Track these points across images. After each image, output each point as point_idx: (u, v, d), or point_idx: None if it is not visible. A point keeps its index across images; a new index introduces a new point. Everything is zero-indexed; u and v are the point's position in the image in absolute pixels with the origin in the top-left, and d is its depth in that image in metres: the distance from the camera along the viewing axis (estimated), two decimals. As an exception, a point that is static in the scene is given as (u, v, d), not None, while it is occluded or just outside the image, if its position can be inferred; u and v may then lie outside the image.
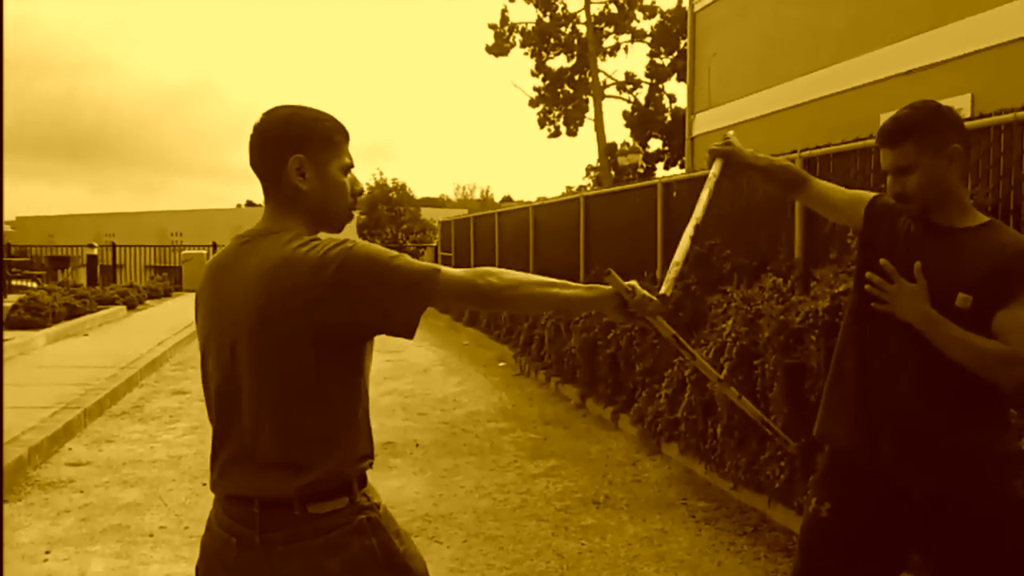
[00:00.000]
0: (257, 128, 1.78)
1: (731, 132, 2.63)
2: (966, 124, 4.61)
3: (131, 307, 16.71)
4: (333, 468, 1.68)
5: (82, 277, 21.20)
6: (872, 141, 2.24)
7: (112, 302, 15.89)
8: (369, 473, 1.80)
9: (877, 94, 8.87)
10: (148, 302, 18.25)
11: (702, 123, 13.26)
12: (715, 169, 2.52)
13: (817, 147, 5.97)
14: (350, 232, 28.86)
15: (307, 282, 1.61)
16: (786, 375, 4.44)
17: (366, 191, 30.91)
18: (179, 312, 15.57)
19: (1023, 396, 2.97)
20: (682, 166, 24.96)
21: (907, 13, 8.66)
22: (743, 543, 4.36)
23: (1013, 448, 2.10)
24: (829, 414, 2.27)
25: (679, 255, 2.24)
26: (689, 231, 2.32)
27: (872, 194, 2.32)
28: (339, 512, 1.68)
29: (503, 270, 1.74)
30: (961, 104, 7.68)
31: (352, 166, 1.85)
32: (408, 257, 1.68)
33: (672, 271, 2.18)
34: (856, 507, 2.13)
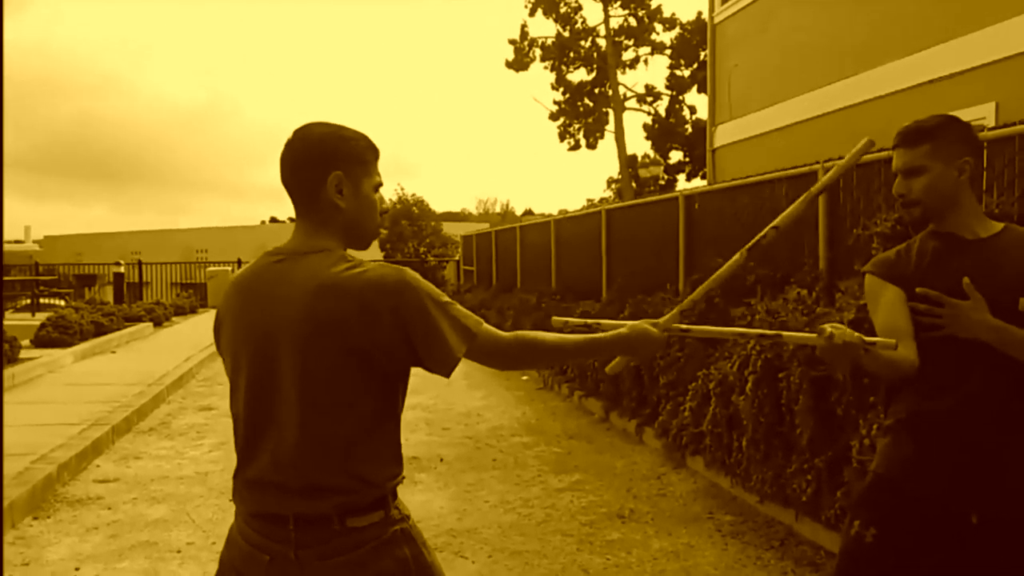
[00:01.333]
0: (292, 145, 1.79)
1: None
2: (990, 132, 4.60)
3: (158, 324, 16.87)
4: (373, 484, 1.70)
5: (109, 295, 21.44)
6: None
7: (139, 319, 16.05)
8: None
9: (899, 105, 8.82)
10: (174, 319, 18.43)
11: (723, 135, 13.24)
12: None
13: (841, 157, 5.95)
14: (373, 248, 29.03)
15: (358, 308, 1.65)
16: (812, 388, 4.41)
17: (388, 206, 31.16)
18: (205, 328, 15.69)
19: None
20: (703, 177, 24.89)
21: (928, 23, 8.61)
22: (770, 557, 4.32)
23: None
24: (912, 454, 2.12)
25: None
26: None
27: (868, 277, 2.25)
28: (375, 525, 1.70)
29: (540, 334, 1.85)
30: (985, 113, 7.62)
31: (382, 184, 1.88)
32: (459, 306, 1.75)
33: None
34: (904, 532, 2.06)
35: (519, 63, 32.18)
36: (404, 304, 1.66)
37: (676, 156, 32.41)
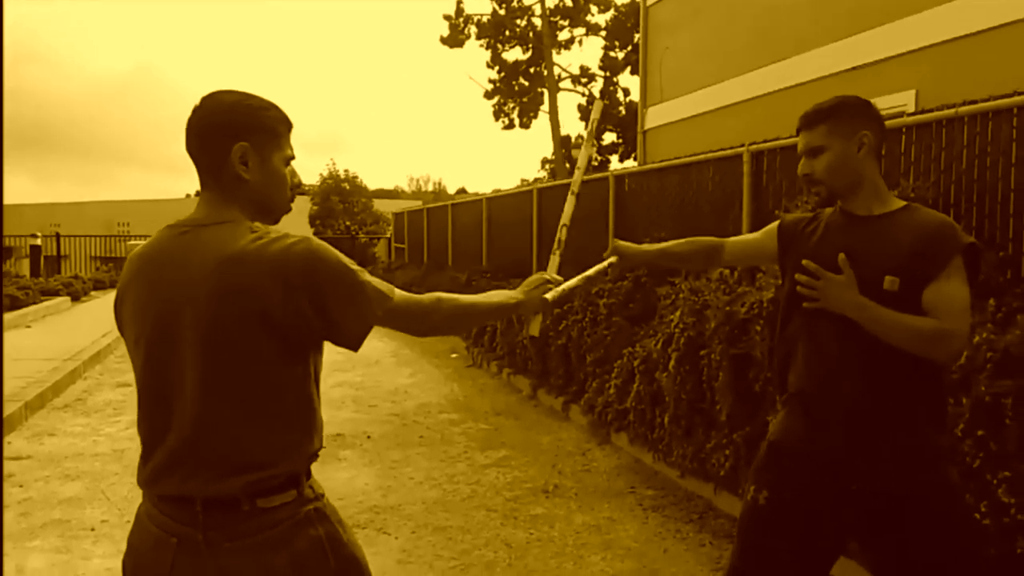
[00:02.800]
0: (198, 113, 1.70)
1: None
2: (910, 119, 4.73)
3: (75, 298, 16.37)
4: (284, 463, 1.65)
5: (25, 268, 20.68)
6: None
7: (56, 293, 15.55)
8: (319, 466, 1.78)
9: (825, 90, 8.98)
10: (93, 293, 17.91)
11: (654, 117, 13.36)
12: (603, 265, 2.63)
13: (765, 141, 6.07)
14: (302, 223, 28.54)
15: (268, 277, 1.58)
16: (731, 364, 4.51)
17: (318, 182, 30.58)
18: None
19: (948, 374, 3.07)
20: (636, 159, 25.14)
21: (855, 10, 8.80)
22: (689, 530, 4.41)
23: (947, 440, 2.16)
24: (791, 420, 2.26)
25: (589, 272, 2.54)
26: (601, 266, 2.65)
27: (777, 221, 2.43)
28: (287, 505, 1.65)
29: (455, 296, 1.86)
30: (906, 100, 7.84)
31: (293, 158, 1.80)
32: (368, 275, 1.71)
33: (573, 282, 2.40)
34: (794, 496, 2.16)
35: (454, 40, 31.92)
36: (314, 273, 1.61)
37: (609, 137, 32.59)
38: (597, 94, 31.86)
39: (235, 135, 1.69)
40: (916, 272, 2.03)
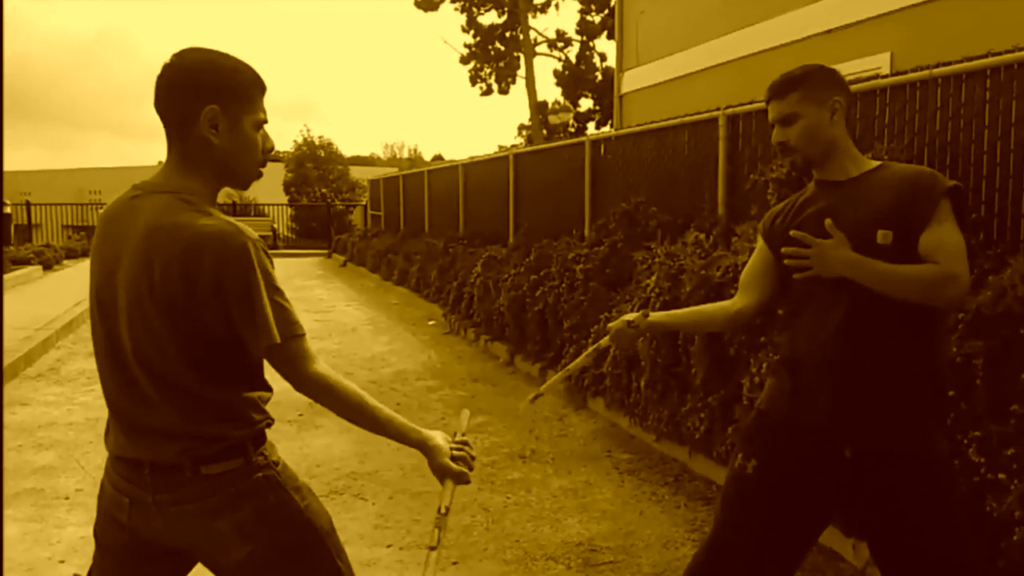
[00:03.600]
0: (168, 70, 1.65)
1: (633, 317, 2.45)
2: (884, 81, 4.73)
3: (47, 267, 16.15)
4: (225, 430, 1.65)
5: (-6, 237, 20.38)
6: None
7: (27, 262, 15.33)
8: (296, 433, 1.78)
9: (799, 53, 8.99)
10: (65, 262, 17.67)
11: (630, 81, 13.29)
12: (592, 349, 2.57)
13: (740, 104, 6.05)
14: (277, 191, 28.29)
15: (184, 258, 1.56)
16: (707, 329, 4.52)
17: (292, 149, 30.30)
18: (92, 272, 15.09)
19: (956, 310, 3.08)
20: (612, 126, 25.10)
21: (830, -27, 8.76)
22: (664, 493, 4.45)
23: (938, 403, 2.16)
24: (780, 391, 2.25)
25: (574, 366, 2.51)
26: (588, 351, 2.57)
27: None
28: (233, 473, 1.66)
29: (343, 384, 1.70)
30: (881, 63, 7.84)
31: (265, 122, 1.76)
32: (289, 307, 1.66)
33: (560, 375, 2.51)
34: (782, 465, 2.15)
35: (428, 3, 31.47)
36: (230, 266, 1.56)
37: (586, 103, 32.45)
38: (573, 59, 31.63)
39: (206, 96, 1.64)
40: (907, 222, 2.02)
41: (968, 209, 2.12)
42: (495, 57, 32.14)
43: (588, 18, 31.41)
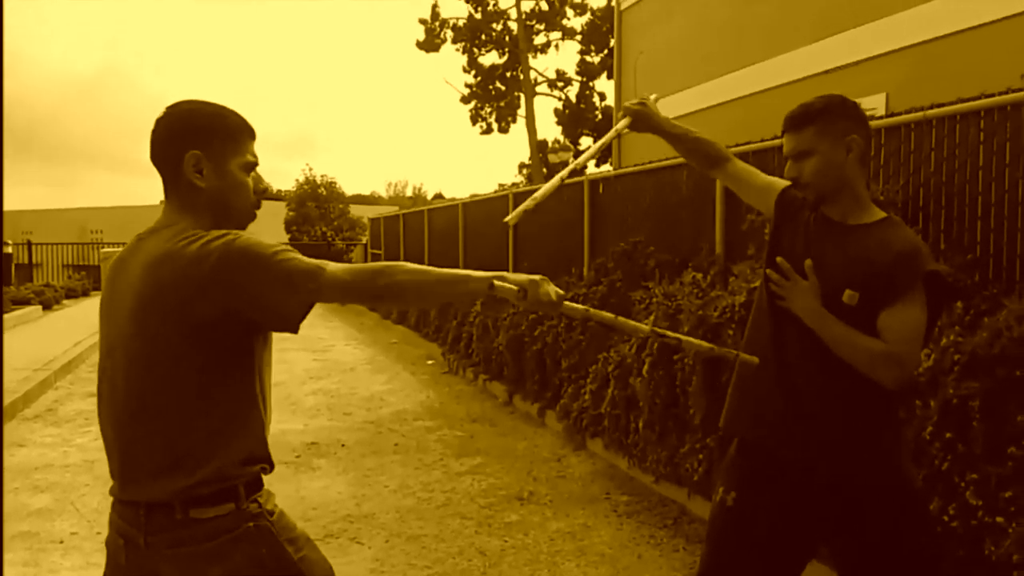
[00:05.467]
0: (158, 122, 1.74)
1: (653, 96, 2.60)
2: (880, 122, 4.76)
3: (47, 307, 16.16)
4: (216, 472, 1.64)
5: (-5, 276, 20.43)
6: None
7: (27, 302, 15.34)
8: (292, 475, 1.79)
9: (798, 93, 9.03)
10: (65, 302, 17.70)
11: (629, 121, 13.40)
12: (621, 125, 2.55)
13: (737, 144, 6.08)
14: (278, 229, 28.39)
15: (184, 276, 1.59)
16: (704, 368, 4.51)
17: (294, 187, 30.42)
18: (97, 312, 15.10)
19: (906, 394, 3.09)
20: (611, 164, 25.22)
21: (827, 13, 8.87)
22: (663, 535, 4.41)
23: (902, 435, 2.17)
24: (736, 406, 2.31)
25: (541, 193, 2.32)
26: (563, 174, 2.42)
27: (785, 183, 2.34)
28: (223, 518, 1.65)
29: (402, 265, 1.64)
30: (876, 103, 7.90)
31: (256, 164, 1.81)
32: (293, 253, 1.63)
33: (527, 203, 2.27)
34: (761, 496, 2.15)
35: (430, 44, 31.89)
36: (232, 267, 1.58)
37: (586, 142, 32.66)
38: (573, 98, 31.93)
39: (188, 143, 1.71)
40: (876, 291, 2.02)
41: (946, 296, 2.10)
42: (496, 97, 32.46)
43: (588, 58, 31.78)
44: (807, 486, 2.09)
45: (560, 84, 32.41)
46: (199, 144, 1.70)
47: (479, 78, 32.29)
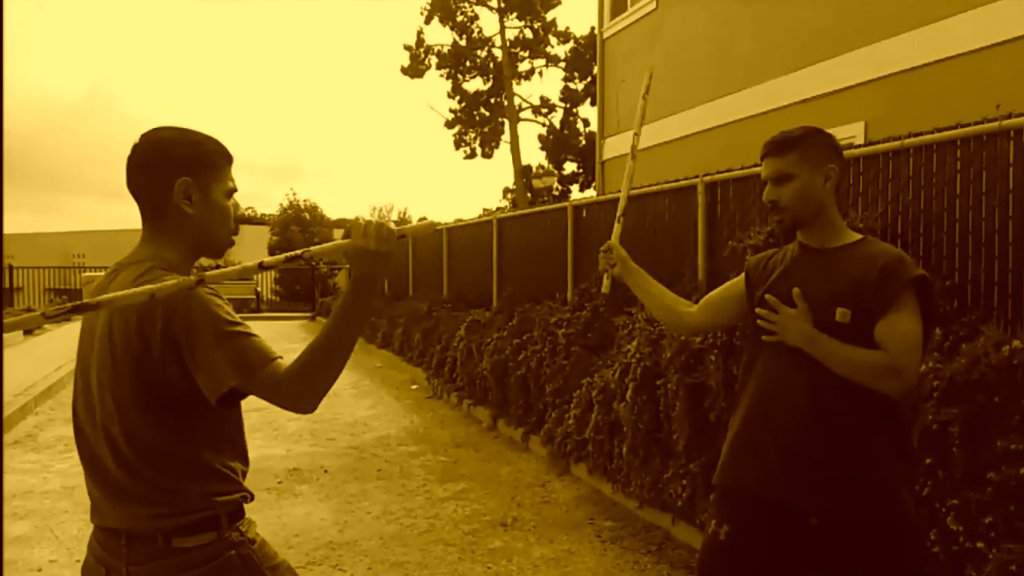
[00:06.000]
0: (138, 149, 1.72)
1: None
2: (858, 151, 4.83)
3: (28, 332, 16.02)
4: (198, 502, 1.65)
5: (-26, 300, 20.24)
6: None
7: (7, 326, 15.20)
8: (275, 501, 1.79)
9: (778, 121, 9.18)
10: (46, 326, 17.53)
11: (612, 147, 13.49)
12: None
13: (719, 172, 6.15)
14: (262, 253, 28.31)
15: (138, 323, 1.59)
16: (688, 394, 4.53)
17: (278, 212, 30.37)
18: (79, 337, 14.98)
19: (909, 401, 3.10)
20: (595, 189, 25.36)
21: (807, 42, 8.99)
22: (647, 561, 4.40)
23: (901, 468, 2.15)
24: (734, 460, 2.26)
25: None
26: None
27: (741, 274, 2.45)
28: (204, 547, 1.65)
29: (310, 351, 1.60)
30: (855, 131, 8.01)
31: (235, 190, 1.82)
32: (246, 337, 1.57)
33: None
34: (754, 530, 2.15)
35: (415, 70, 32.04)
36: (177, 324, 1.55)
37: (570, 167, 32.86)
38: (557, 124, 32.15)
39: (177, 170, 1.70)
40: (867, 304, 2.05)
41: (935, 298, 2.13)
42: (480, 122, 32.62)
43: (571, 85, 32.04)
44: (802, 523, 2.09)
45: (544, 110, 32.64)
46: (187, 170, 1.70)
47: (463, 104, 32.45)
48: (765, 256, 2.36)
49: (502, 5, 30.93)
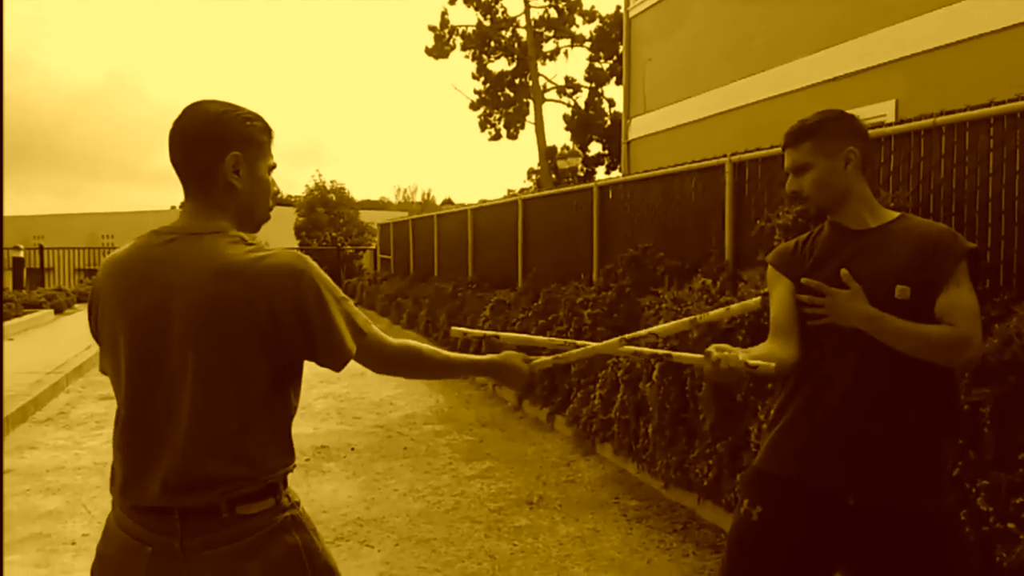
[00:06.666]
0: (183, 124, 1.72)
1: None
2: (889, 129, 4.77)
3: (59, 311, 16.27)
4: (265, 472, 1.68)
5: (8, 281, 20.53)
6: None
7: (39, 306, 15.44)
8: (302, 477, 1.82)
9: (806, 100, 9.08)
10: (77, 306, 17.77)
11: (638, 127, 13.42)
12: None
13: (747, 151, 6.10)
14: (288, 235, 28.49)
15: (258, 293, 1.61)
16: (714, 375, 4.51)
17: (304, 193, 30.50)
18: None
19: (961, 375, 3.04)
20: (620, 170, 25.23)
21: (836, 21, 8.88)
22: (672, 540, 4.41)
23: (946, 457, 2.10)
24: (785, 442, 2.19)
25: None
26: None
27: (768, 268, 2.32)
28: (265, 513, 1.67)
29: (425, 348, 1.96)
30: (886, 110, 7.90)
31: (275, 166, 1.84)
32: (351, 304, 1.76)
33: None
34: (788, 513, 2.13)
35: (439, 51, 31.99)
36: (304, 294, 1.64)
37: (595, 148, 32.72)
38: (582, 105, 32.00)
39: (227, 144, 1.72)
40: (926, 279, 2.01)
41: (982, 271, 2.10)
42: (504, 103, 32.53)
43: (597, 65, 31.83)
44: (840, 508, 2.06)
45: (569, 90, 32.49)
46: (238, 145, 1.72)
47: (488, 84, 32.37)
48: (789, 247, 2.30)
49: (527, -16, 30.76)
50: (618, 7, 29.67)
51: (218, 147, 1.71)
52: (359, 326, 1.75)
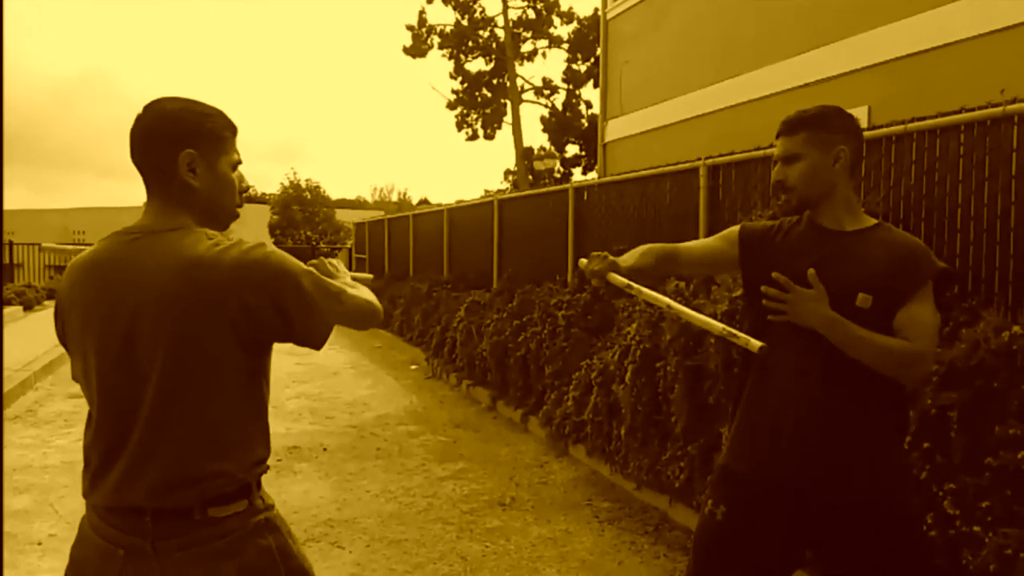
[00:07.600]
0: (141, 121, 1.69)
1: (583, 261, 2.34)
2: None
3: (28, 307, 16.07)
4: (238, 472, 1.65)
5: (-25, 276, 20.24)
6: (772, 150, 2.29)
7: (7, 303, 15.22)
8: (273, 477, 1.79)
9: (781, 105, 9.13)
10: (47, 302, 17.55)
11: (614, 130, 13.45)
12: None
13: (720, 155, 6.13)
14: (262, 233, 28.31)
15: (226, 285, 1.59)
16: (687, 376, 4.54)
17: (279, 191, 30.38)
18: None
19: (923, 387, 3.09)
20: (597, 172, 25.27)
21: (811, 26, 8.95)
22: (644, 542, 4.43)
23: (906, 458, 2.14)
24: (746, 439, 2.24)
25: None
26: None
27: (738, 226, 2.35)
28: (238, 515, 1.65)
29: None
30: (858, 115, 7.93)
31: (240, 162, 1.80)
32: (318, 275, 1.72)
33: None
34: (751, 512, 2.15)
35: (417, 50, 31.88)
36: (271, 279, 1.62)
37: (572, 149, 32.73)
38: (560, 106, 32.03)
39: (181, 142, 1.68)
40: (890, 292, 2.03)
41: (950, 288, 2.13)
42: (482, 103, 32.48)
43: (574, 67, 31.87)
44: (802, 506, 2.08)
45: (547, 92, 32.49)
46: (192, 143, 1.68)
47: (465, 84, 32.31)
48: (764, 228, 2.29)
49: (505, -15, 30.75)
50: (595, 9, 29.76)
51: (172, 145, 1.68)
52: (335, 295, 1.72)
